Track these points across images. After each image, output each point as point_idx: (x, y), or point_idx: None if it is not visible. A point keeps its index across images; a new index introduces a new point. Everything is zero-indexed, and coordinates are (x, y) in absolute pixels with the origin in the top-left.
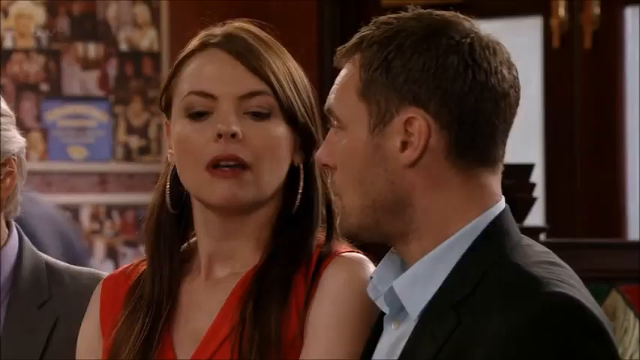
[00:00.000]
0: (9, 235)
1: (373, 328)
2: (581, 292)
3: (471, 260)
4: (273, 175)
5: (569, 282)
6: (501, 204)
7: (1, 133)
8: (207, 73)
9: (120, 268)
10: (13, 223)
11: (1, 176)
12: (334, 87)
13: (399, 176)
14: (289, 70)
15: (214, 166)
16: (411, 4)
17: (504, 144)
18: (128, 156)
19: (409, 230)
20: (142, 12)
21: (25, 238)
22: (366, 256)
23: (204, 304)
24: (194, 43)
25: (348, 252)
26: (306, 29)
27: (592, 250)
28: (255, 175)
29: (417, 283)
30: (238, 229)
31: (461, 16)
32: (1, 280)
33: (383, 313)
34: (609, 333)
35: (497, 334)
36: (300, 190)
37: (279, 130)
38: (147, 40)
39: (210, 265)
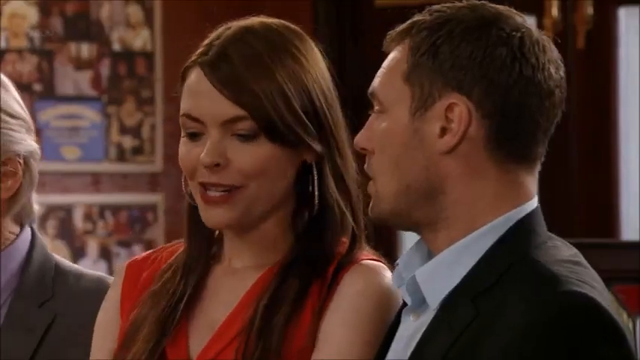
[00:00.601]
0: (18, 236)
1: (395, 318)
2: (601, 294)
3: (495, 254)
4: (266, 191)
5: (590, 282)
6: (533, 202)
7: (4, 131)
8: (195, 96)
9: (144, 254)
10: (28, 225)
11: (1, 175)
12: (380, 70)
13: (435, 162)
14: (279, 84)
15: (205, 188)
16: (406, 4)
17: (545, 144)
18: (121, 156)
19: (439, 219)
20: (135, 12)
21: (40, 240)
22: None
23: (224, 295)
24: (197, 52)
25: (368, 259)
26: (301, 29)
27: (586, 250)
28: (248, 193)
29: (439, 273)
30: (251, 234)
31: (514, 10)
32: (3, 278)
33: (403, 305)
34: (626, 335)
35: (514, 329)
36: (316, 187)
37: (265, 150)
38: (140, 40)
39: (232, 255)
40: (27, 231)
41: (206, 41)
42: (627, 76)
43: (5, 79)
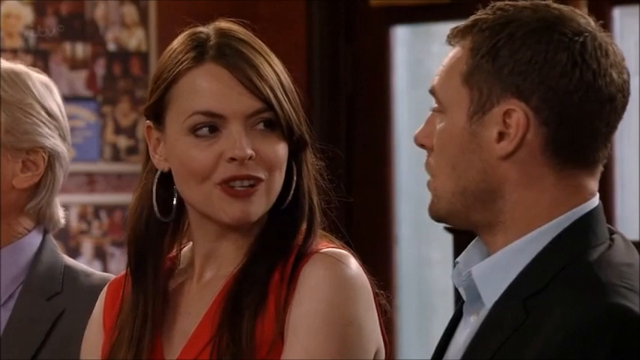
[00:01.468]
0: (30, 232)
1: (454, 315)
2: None
3: (549, 255)
4: (280, 182)
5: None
6: (593, 202)
7: (34, 120)
8: (211, 91)
9: (124, 272)
10: (43, 227)
11: (20, 161)
12: (441, 68)
13: (493, 167)
14: (278, 75)
15: (227, 184)
16: (399, 4)
17: (606, 147)
18: (116, 156)
19: (497, 222)
20: (130, 12)
21: (51, 240)
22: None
23: (194, 307)
24: (187, 55)
25: (328, 248)
26: (295, 29)
27: None
28: (267, 186)
29: (495, 272)
30: (235, 231)
31: (578, 11)
32: (12, 270)
33: (462, 302)
34: None
35: (554, 337)
36: (294, 182)
37: (281, 143)
38: (135, 40)
39: (204, 266)
40: (41, 231)
41: (189, 44)
42: None
43: (51, 83)
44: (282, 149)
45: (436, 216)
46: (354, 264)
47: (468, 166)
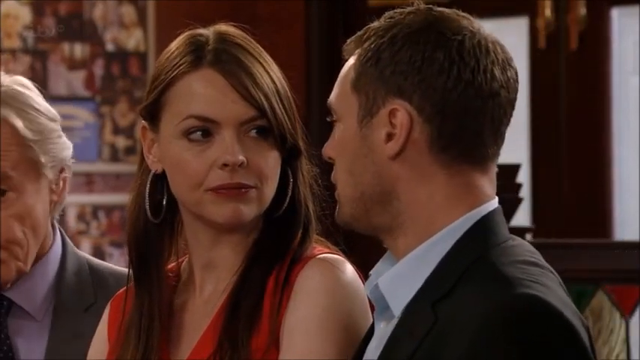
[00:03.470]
0: (53, 240)
1: (371, 326)
2: (555, 294)
3: (452, 259)
4: (272, 190)
5: (544, 282)
6: (491, 204)
7: (56, 140)
8: (206, 97)
9: (125, 287)
10: (57, 226)
11: (59, 183)
12: (337, 81)
13: (385, 168)
14: (275, 83)
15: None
16: (398, 4)
17: (496, 144)
18: (114, 156)
19: (396, 224)
20: (129, 12)
21: (67, 239)
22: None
23: (198, 322)
24: (185, 58)
25: (323, 253)
26: (294, 30)
27: (578, 251)
28: (259, 193)
29: (400, 281)
30: (230, 236)
31: (461, 13)
32: (43, 286)
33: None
34: (579, 333)
35: (468, 332)
36: (290, 189)
37: (273, 152)
38: (133, 40)
39: (204, 279)
40: (58, 233)
41: (188, 47)
42: (620, 76)
43: (24, 80)
44: (273, 158)
45: (341, 222)
46: (349, 269)
47: (363, 171)
